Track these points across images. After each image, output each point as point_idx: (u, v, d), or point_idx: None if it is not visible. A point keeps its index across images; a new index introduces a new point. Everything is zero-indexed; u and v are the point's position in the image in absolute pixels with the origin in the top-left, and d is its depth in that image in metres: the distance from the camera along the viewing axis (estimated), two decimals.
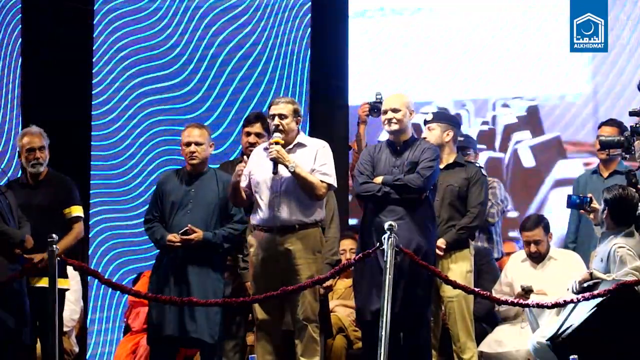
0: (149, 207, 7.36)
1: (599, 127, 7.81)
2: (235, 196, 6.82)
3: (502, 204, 8.16)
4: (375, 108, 7.41)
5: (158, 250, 7.23)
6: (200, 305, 7.21)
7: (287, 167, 6.65)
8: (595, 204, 6.91)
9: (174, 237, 7.04)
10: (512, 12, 9.86)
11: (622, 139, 6.95)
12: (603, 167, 7.76)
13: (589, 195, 7.02)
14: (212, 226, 7.13)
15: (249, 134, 7.35)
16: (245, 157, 6.86)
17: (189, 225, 7.04)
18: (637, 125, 6.77)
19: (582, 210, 7.03)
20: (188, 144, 7.22)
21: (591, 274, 6.61)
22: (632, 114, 6.88)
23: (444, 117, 7.36)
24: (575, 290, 6.59)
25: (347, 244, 7.93)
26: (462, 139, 8.04)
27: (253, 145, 7.25)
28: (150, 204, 7.35)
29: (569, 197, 7.06)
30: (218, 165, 7.69)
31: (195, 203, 7.16)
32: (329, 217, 7.22)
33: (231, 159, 8.14)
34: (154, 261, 7.29)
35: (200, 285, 6.99)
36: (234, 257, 7.28)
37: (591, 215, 6.95)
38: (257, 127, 7.34)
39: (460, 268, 7.01)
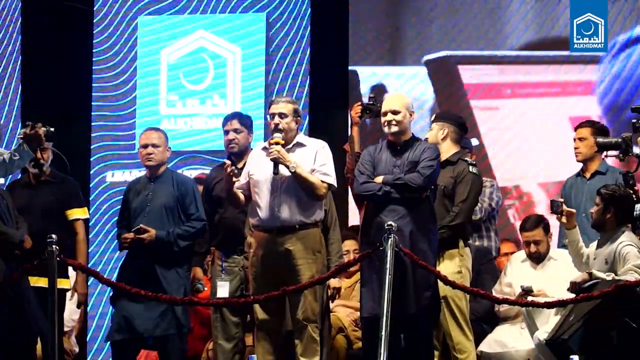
0: (118, 216, 7.52)
1: (576, 129, 7.75)
2: (233, 200, 6.84)
3: (490, 203, 8.06)
4: (368, 109, 7.31)
5: None
6: (201, 305, 7.27)
7: (287, 167, 6.65)
8: (564, 208, 6.89)
9: (127, 235, 7.19)
10: None
11: (620, 140, 6.93)
12: (585, 169, 7.71)
13: (561, 200, 7.03)
14: (168, 227, 7.23)
15: (227, 132, 7.38)
16: (227, 161, 6.84)
17: (141, 224, 7.17)
18: (639, 122, 6.76)
19: (557, 215, 6.97)
20: (145, 146, 7.34)
21: (590, 274, 6.60)
22: (634, 110, 6.86)
23: (441, 116, 7.34)
24: (573, 291, 6.59)
25: (350, 245, 7.93)
26: None
27: (232, 141, 7.32)
28: (119, 213, 7.52)
29: (552, 202, 7.05)
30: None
31: (152, 206, 7.28)
32: (331, 220, 7.22)
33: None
34: None
35: (165, 283, 7.10)
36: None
37: (564, 219, 6.89)
38: (234, 124, 7.37)
39: (446, 268, 6.94)
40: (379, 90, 9.69)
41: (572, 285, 6.62)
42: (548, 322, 6.85)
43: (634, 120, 6.79)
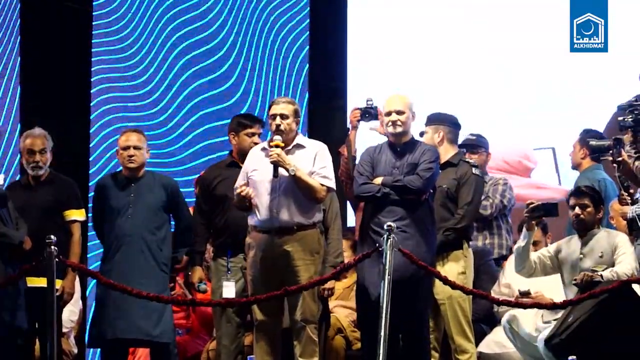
0: (93, 219, 7.47)
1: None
2: (244, 209, 6.85)
3: (502, 200, 8.03)
4: (366, 113, 7.32)
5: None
6: (202, 305, 7.28)
7: (287, 170, 6.65)
8: None
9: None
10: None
11: (611, 143, 6.92)
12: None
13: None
14: (155, 228, 7.22)
15: (253, 134, 7.34)
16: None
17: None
18: (625, 120, 6.73)
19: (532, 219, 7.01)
20: (126, 148, 7.29)
21: (601, 275, 6.62)
22: (620, 108, 6.84)
23: (434, 118, 7.34)
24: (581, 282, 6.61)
25: (344, 245, 7.91)
26: (473, 137, 8.04)
27: (257, 144, 7.24)
28: (94, 215, 7.47)
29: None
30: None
31: (135, 207, 7.25)
32: (331, 220, 7.22)
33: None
34: None
35: (146, 282, 7.05)
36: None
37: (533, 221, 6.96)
38: (256, 128, 7.35)
39: (451, 270, 6.96)
40: None
41: (583, 275, 6.61)
42: (533, 333, 6.91)
43: (619, 119, 6.75)
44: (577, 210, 6.89)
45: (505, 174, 8.75)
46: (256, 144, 7.23)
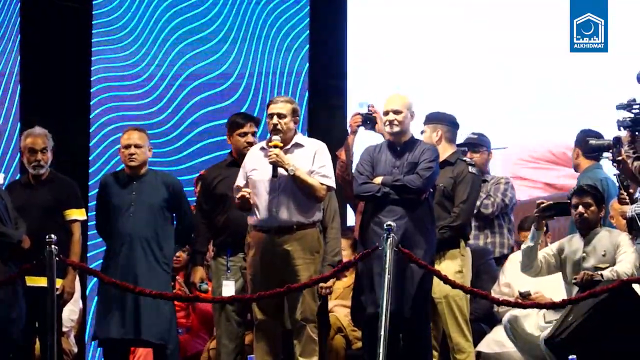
0: (97, 217, 7.47)
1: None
2: (246, 209, 6.85)
3: (504, 199, 8.03)
4: (367, 120, 7.32)
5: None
6: (205, 302, 7.29)
7: (286, 170, 6.65)
8: None
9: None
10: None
11: (611, 142, 6.93)
12: None
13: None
14: (157, 227, 7.22)
15: (245, 134, 7.33)
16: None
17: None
18: (624, 120, 6.73)
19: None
20: (127, 147, 7.28)
21: (601, 274, 6.62)
22: (619, 107, 6.84)
23: (432, 117, 7.35)
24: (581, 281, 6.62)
25: (344, 244, 7.91)
26: (475, 136, 8.04)
27: (251, 144, 7.24)
28: (97, 212, 7.46)
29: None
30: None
31: (137, 206, 7.24)
32: (329, 218, 7.21)
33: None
34: None
35: (148, 281, 7.03)
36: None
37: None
38: (249, 127, 7.33)
39: (447, 268, 6.95)
40: None
41: (583, 274, 6.61)
42: (534, 333, 6.92)
43: (618, 119, 6.75)
44: (581, 209, 6.90)
45: (551, 164, 8.79)
46: (250, 142, 7.24)
